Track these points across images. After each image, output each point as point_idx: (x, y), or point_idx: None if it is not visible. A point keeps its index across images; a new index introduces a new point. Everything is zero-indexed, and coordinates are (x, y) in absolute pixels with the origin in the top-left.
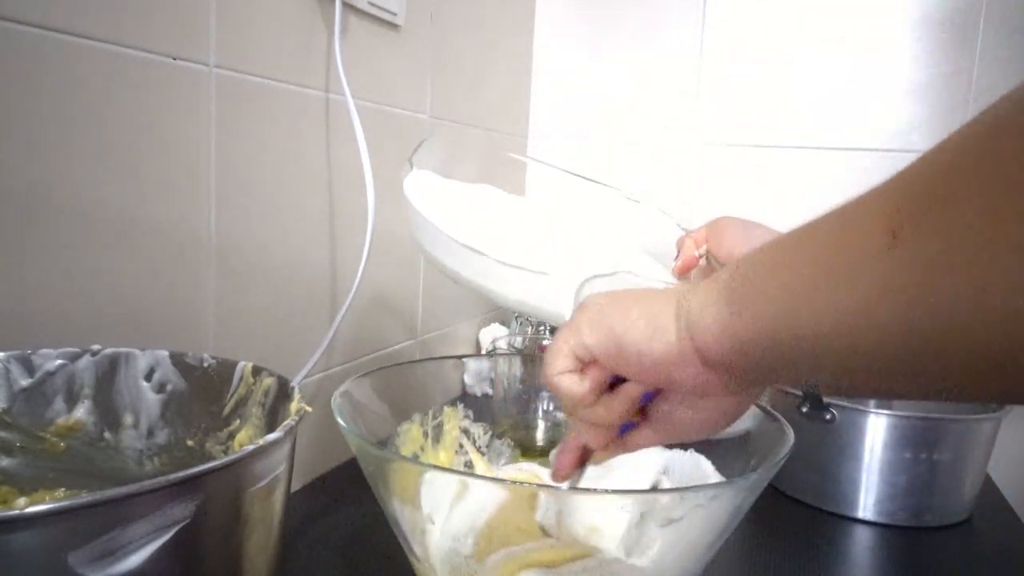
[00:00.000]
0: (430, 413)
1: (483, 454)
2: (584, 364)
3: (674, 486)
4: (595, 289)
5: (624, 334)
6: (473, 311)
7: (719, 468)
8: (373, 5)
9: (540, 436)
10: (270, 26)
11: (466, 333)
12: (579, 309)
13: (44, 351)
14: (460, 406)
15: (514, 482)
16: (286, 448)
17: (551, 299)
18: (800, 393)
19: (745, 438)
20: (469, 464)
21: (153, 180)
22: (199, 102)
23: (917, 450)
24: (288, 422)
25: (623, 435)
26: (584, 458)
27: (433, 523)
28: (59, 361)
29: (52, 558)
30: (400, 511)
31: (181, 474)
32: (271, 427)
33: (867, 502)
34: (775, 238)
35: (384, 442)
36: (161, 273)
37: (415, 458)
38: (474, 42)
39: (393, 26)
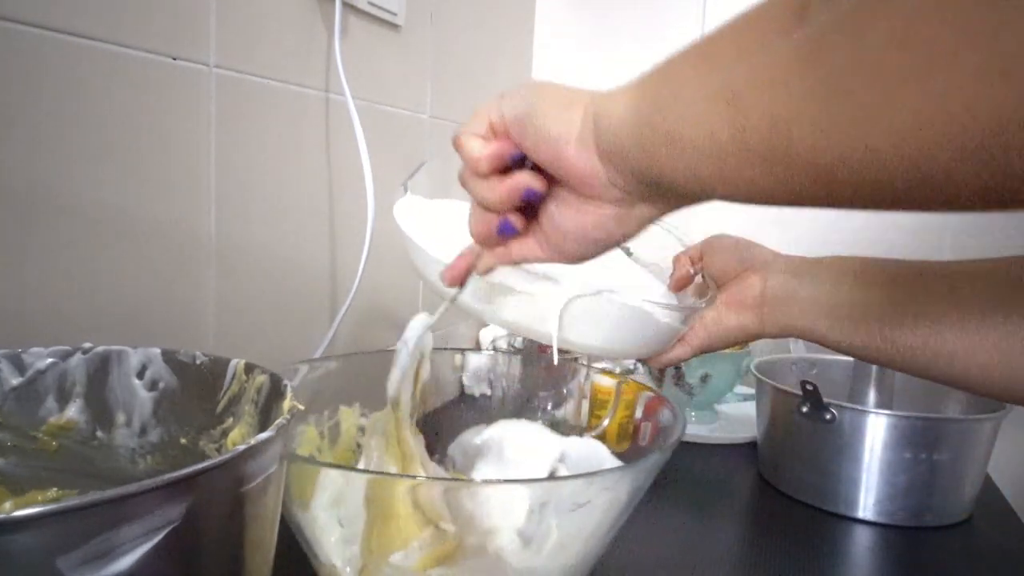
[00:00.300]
0: (325, 413)
1: None
2: (495, 134)
3: (573, 472)
4: (577, 309)
5: (535, 105)
6: None
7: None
8: (373, 5)
9: None
10: (270, 26)
11: (466, 333)
12: (513, 88)
13: (35, 349)
14: (356, 404)
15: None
16: (279, 447)
17: (540, 319)
18: (800, 393)
19: (752, 447)
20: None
21: (153, 180)
22: (199, 102)
23: (917, 450)
24: (281, 420)
25: (506, 240)
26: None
27: (342, 526)
28: (50, 359)
29: (42, 562)
30: (302, 516)
31: (173, 475)
32: (264, 425)
33: (867, 502)
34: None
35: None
36: (161, 273)
37: (310, 459)
38: (474, 42)
39: (393, 26)
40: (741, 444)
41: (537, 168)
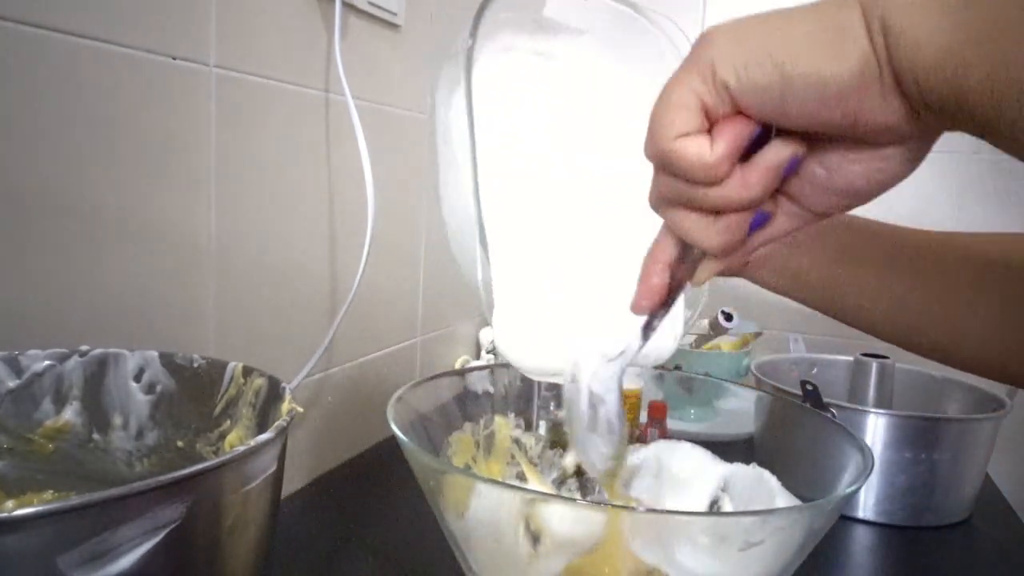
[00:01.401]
0: (481, 422)
1: (535, 465)
2: (714, 119)
3: (737, 503)
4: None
5: (793, 59)
6: (473, 311)
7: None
8: (373, 5)
9: (540, 436)
10: (270, 26)
11: (466, 333)
12: (703, 41)
13: (32, 352)
14: (511, 415)
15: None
16: (277, 449)
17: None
18: (800, 393)
19: (749, 441)
20: (521, 476)
21: (153, 180)
22: (199, 102)
23: (917, 450)
24: (279, 423)
25: (755, 232)
26: (674, 284)
27: (497, 543)
28: (47, 362)
29: (42, 561)
30: (456, 525)
31: (171, 476)
32: (262, 428)
33: (867, 502)
34: None
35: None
36: (161, 273)
37: (467, 469)
38: None
39: (393, 26)
40: (740, 441)
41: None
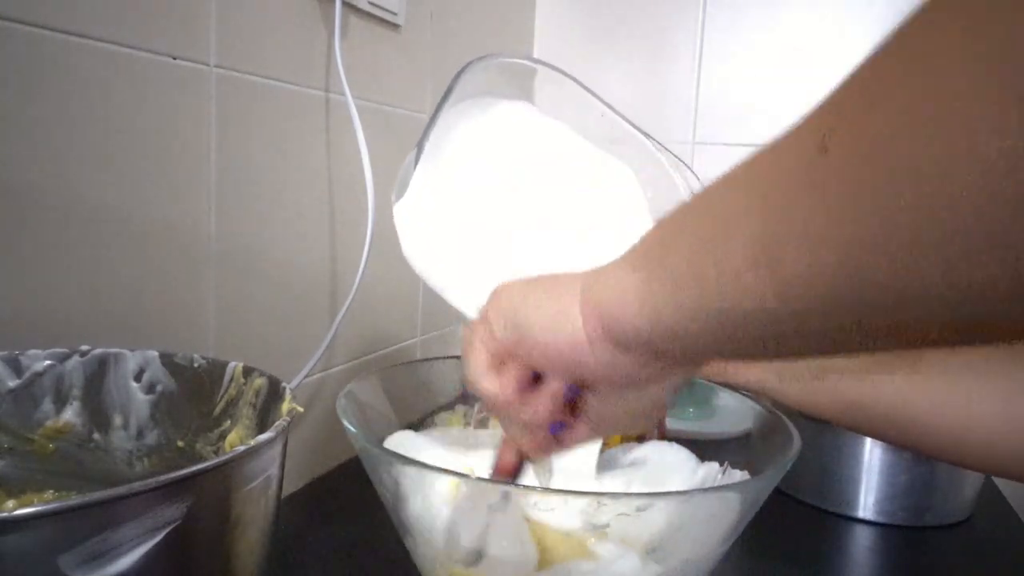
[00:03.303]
0: (476, 406)
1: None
2: (500, 360)
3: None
4: None
5: (527, 324)
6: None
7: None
8: (373, 5)
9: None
10: (270, 26)
11: None
12: (490, 298)
13: (32, 352)
14: (461, 408)
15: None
16: (277, 449)
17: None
18: None
19: (747, 439)
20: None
21: (153, 180)
22: (199, 102)
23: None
24: (280, 423)
25: (557, 435)
26: (523, 456)
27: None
28: (47, 362)
29: (42, 561)
30: (410, 516)
31: (171, 475)
32: (262, 428)
33: (867, 502)
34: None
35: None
36: (161, 273)
37: (393, 451)
38: (474, 42)
39: (393, 26)
40: (737, 439)
41: None
